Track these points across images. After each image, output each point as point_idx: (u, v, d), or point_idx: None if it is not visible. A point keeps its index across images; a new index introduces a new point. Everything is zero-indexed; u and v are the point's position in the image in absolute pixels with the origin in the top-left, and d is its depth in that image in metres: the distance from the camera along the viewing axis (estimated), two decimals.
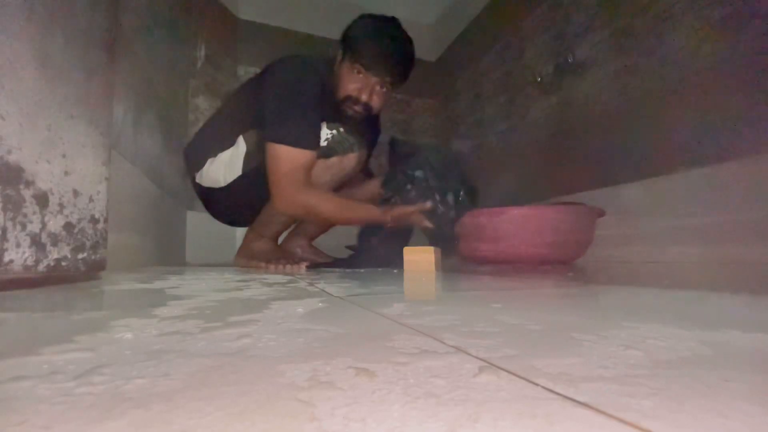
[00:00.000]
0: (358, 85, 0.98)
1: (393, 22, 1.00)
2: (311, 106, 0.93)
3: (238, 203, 1.09)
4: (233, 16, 2.05)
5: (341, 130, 0.97)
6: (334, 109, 1.00)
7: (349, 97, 0.99)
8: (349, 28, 1.00)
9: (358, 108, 1.00)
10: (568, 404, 0.13)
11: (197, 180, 1.10)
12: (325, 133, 0.96)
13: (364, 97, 0.98)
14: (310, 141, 0.92)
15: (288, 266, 0.90)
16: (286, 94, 0.92)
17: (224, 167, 1.03)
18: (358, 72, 0.97)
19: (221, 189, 1.05)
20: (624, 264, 1.12)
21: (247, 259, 1.11)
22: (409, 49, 1.00)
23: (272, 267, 0.93)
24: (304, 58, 1.00)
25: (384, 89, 1.00)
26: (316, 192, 0.94)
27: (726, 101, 1.03)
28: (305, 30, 2.13)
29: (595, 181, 1.40)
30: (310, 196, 0.92)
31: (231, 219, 1.21)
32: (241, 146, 1.02)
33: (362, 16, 1.01)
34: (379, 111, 1.05)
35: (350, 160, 1.00)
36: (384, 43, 0.95)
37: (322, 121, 0.95)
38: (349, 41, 0.98)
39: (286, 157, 0.89)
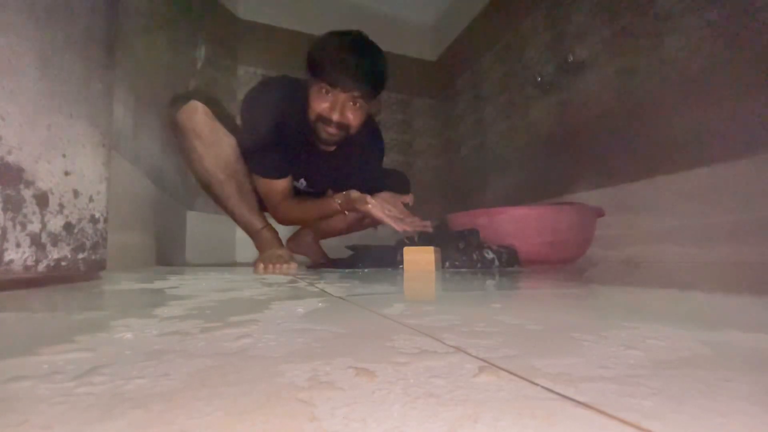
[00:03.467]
0: (327, 104, 0.93)
1: (356, 35, 0.94)
2: (277, 134, 0.97)
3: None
4: (233, 16, 2.06)
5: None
6: (311, 134, 0.98)
7: (320, 117, 0.94)
8: (311, 47, 0.95)
9: (331, 129, 0.95)
10: (568, 404, 0.13)
11: None
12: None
13: (335, 116, 0.93)
14: (279, 170, 1.02)
15: (278, 266, 0.89)
16: (253, 123, 0.98)
17: None
18: (326, 91, 0.92)
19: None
20: (624, 264, 1.12)
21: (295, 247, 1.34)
22: (375, 60, 0.93)
23: (263, 267, 0.91)
24: (279, 82, 1.01)
25: (357, 105, 0.94)
26: (284, 206, 1.07)
27: (726, 101, 1.03)
28: (305, 30, 2.12)
29: (595, 181, 1.40)
30: (281, 212, 1.08)
31: None
32: None
33: (324, 35, 0.96)
34: (357, 128, 0.98)
35: None
36: (346, 57, 0.90)
37: (300, 145, 1.01)
38: (312, 61, 0.93)
39: (263, 186, 1.04)
